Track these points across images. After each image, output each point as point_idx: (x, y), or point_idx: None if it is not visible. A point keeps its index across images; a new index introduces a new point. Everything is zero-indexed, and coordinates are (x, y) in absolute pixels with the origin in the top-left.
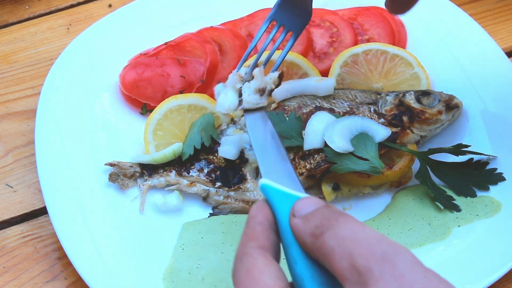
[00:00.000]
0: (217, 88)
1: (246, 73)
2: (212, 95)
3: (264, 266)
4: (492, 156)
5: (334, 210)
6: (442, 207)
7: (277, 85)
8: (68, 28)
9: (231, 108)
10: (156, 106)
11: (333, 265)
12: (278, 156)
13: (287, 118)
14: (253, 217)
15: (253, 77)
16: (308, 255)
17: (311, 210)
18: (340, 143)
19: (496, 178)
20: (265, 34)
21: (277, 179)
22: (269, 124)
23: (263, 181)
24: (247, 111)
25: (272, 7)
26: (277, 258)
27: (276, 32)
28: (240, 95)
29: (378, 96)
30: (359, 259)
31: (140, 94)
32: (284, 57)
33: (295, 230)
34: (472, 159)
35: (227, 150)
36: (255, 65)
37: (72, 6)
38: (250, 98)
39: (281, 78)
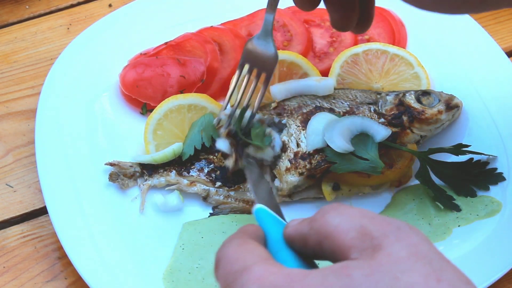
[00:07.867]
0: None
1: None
2: (212, 95)
3: (256, 245)
4: (492, 156)
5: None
6: (442, 207)
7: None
8: (68, 28)
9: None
10: (156, 106)
11: (335, 241)
12: (269, 195)
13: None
14: (243, 227)
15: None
16: (298, 254)
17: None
18: (340, 143)
19: (496, 178)
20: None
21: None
22: (264, 178)
23: (258, 206)
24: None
25: None
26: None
27: (250, 76)
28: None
29: (378, 96)
30: (373, 227)
31: (140, 94)
32: (261, 101)
33: (290, 233)
34: (472, 159)
35: (223, 142)
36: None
37: (72, 6)
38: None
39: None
